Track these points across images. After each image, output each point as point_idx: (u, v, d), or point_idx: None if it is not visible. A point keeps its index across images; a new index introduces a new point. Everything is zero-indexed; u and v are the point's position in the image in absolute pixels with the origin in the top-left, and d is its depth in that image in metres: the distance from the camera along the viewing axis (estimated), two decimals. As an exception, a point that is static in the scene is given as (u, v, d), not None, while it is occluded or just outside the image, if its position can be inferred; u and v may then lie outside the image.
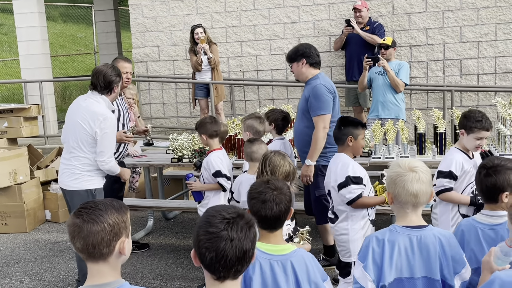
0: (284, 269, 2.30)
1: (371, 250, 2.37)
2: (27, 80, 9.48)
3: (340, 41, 7.59)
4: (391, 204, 2.47)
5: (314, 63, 4.53)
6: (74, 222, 1.85)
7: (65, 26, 23.29)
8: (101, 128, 4.14)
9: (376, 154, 5.18)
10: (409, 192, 2.35)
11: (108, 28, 12.92)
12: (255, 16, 8.35)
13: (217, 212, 1.80)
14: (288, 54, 4.64)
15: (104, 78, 4.26)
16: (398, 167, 2.43)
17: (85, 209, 1.87)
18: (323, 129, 4.36)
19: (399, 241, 2.36)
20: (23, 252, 5.68)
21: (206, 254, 1.75)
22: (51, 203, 6.62)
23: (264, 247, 2.35)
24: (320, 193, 4.51)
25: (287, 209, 2.41)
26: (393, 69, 6.23)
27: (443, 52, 7.85)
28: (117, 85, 4.33)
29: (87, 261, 1.89)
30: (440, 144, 5.07)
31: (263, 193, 2.39)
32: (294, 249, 2.38)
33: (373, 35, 7.33)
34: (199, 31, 7.41)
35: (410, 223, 2.41)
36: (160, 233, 6.07)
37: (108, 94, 4.31)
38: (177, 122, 8.85)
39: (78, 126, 4.21)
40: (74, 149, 4.24)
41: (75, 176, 4.24)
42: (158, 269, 5.05)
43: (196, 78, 7.65)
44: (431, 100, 7.92)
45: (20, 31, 9.66)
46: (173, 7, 8.60)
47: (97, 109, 4.19)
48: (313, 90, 4.41)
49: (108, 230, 1.85)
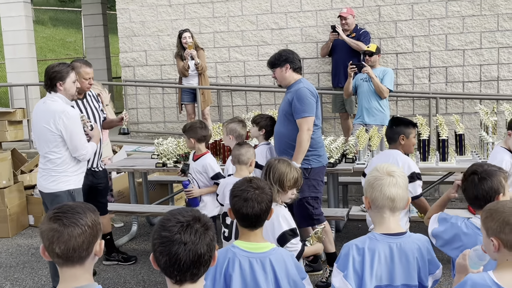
0: (263, 266, 2.33)
1: (352, 259, 2.36)
2: (13, 84, 9.42)
3: (327, 47, 7.62)
4: (368, 209, 2.47)
5: (297, 68, 4.59)
6: (52, 227, 1.81)
7: (54, 30, 23.19)
8: (65, 125, 4.14)
9: (361, 160, 5.21)
10: (386, 195, 2.36)
11: (96, 32, 12.88)
12: (243, 21, 8.37)
13: (172, 216, 1.77)
14: (270, 60, 4.66)
15: (46, 75, 4.25)
16: (376, 171, 2.44)
17: (63, 213, 1.83)
18: (307, 131, 4.41)
19: (379, 249, 2.36)
20: (5, 257, 5.62)
21: (160, 258, 1.74)
22: (35, 207, 6.56)
23: (244, 245, 2.39)
24: (303, 195, 4.52)
25: (267, 208, 2.47)
26: (378, 75, 6.26)
27: (429, 59, 7.90)
28: (61, 82, 4.20)
29: (61, 266, 1.85)
30: (423, 150, 5.09)
31: (245, 192, 2.44)
32: (273, 247, 2.42)
33: (358, 41, 7.36)
34: (186, 36, 7.41)
35: (389, 230, 2.41)
36: (144, 239, 6.03)
37: (55, 91, 4.23)
38: (164, 127, 8.83)
39: (43, 130, 4.22)
40: (46, 153, 4.26)
41: (52, 178, 4.26)
42: (141, 274, 5.02)
43: (183, 83, 7.65)
44: (417, 107, 7.96)
45: (7, 35, 9.61)
46: (161, 12, 8.59)
47: (56, 107, 4.18)
48: (296, 93, 4.46)
49: (89, 233, 1.83)
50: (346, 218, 5.13)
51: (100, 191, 5.14)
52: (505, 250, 2.05)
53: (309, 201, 4.53)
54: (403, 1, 7.85)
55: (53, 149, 4.22)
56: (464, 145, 5.30)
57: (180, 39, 7.46)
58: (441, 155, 5.07)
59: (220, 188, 4.21)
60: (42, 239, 1.85)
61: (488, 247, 2.11)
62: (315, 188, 4.55)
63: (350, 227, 5.98)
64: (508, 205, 2.10)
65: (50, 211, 1.87)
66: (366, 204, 2.45)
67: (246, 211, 2.41)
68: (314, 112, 4.47)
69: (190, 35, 7.43)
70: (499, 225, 2.05)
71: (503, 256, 2.06)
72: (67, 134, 4.16)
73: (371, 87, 6.26)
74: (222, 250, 2.41)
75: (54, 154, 4.24)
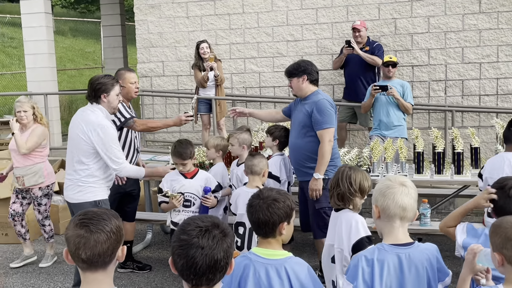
0: (278, 273, 2.36)
1: (361, 270, 2.37)
2: (33, 92, 9.59)
3: (340, 61, 7.59)
4: (377, 219, 2.47)
5: (314, 80, 4.60)
6: (79, 233, 1.85)
7: (74, 41, 23.56)
8: (101, 139, 4.12)
9: (375, 172, 5.20)
10: (398, 204, 2.37)
11: (114, 43, 13.08)
12: (259, 33, 8.45)
13: (192, 221, 1.83)
14: (288, 69, 4.66)
15: (91, 86, 4.26)
16: (388, 181, 2.47)
17: (89, 219, 1.87)
18: (329, 142, 4.44)
19: (388, 260, 2.37)
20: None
21: (178, 260, 1.78)
22: (52, 214, 6.61)
23: (260, 252, 2.44)
24: (320, 206, 4.54)
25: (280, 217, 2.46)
26: (398, 89, 6.32)
27: (445, 72, 7.89)
28: (105, 94, 4.20)
29: (85, 270, 1.89)
30: (438, 163, 5.08)
31: (256, 200, 2.49)
32: (289, 256, 2.45)
33: (373, 55, 7.34)
34: (204, 46, 7.50)
35: (397, 241, 2.42)
36: (158, 247, 6.08)
37: (98, 102, 4.24)
38: (179, 137, 8.90)
39: (78, 139, 4.21)
40: (76, 162, 4.23)
41: (79, 188, 4.23)
42: (154, 282, 5.06)
43: (200, 93, 7.72)
44: (433, 120, 7.94)
45: (28, 45, 9.80)
46: (178, 23, 8.71)
47: (93, 119, 4.17)
48: (316, 104, 4.48)
49: (113, 239, 1.88)
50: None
51: (133, 197, 5.25)
52: (508, 265, 2.05)
53: (326, 211, 4.53)
54: (420, 14, 7.86)
55: (83, 159, 4.19)
56: (479, 159, 5.27)
57: (198, 50, 7.55)
58: (456, 168, 5.05)
59: (233, 197, 4.25)
60: (67, 245, 1.89)
61: (494, 262, 2.12)
62: None
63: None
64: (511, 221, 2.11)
65: (76, 217, 1.90)
66: (376, 213, 2.45)
67: (256, 220, 2.47)
68: (335, 123, 4.51)
69: (207, 45, 7.52)
70: (502, 241, 2.07)
71: (508, 271, 2.07)
72: (103, 147, 4.13)
73: (389, 99, 6.31)
74: (238, 257, 2.45)
75: (83, 164, 4.20)
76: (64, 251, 1.92)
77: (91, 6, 28.93)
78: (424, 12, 7.85)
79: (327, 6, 8.15)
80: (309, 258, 5.37)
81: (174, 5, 8.68)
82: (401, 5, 7.91)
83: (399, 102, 6.29)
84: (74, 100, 16.04)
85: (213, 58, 7.40)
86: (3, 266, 5.62)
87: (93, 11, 28.75)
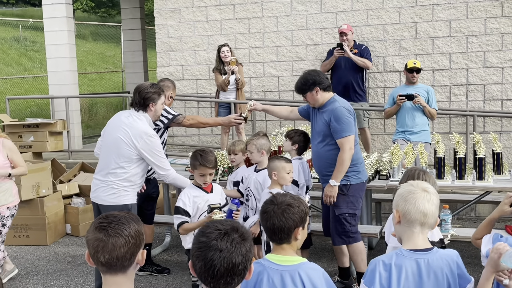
0: (292, 279, 2.35)
1: (378, 275, 2.35)
2: (54, 96, 9.72)
3: (330, 64, 7.54)
4: (396, 224, 2.44)
5: (326, 87, 4.52)
6: (97, 237, 1.87)
7: (95, 45, 23.84)
8: (148, 147, 4.19)
9: (395, 177, 5.16)
10: (419, 209, 2.34)
11: (135, 47, 13.19)
12: (278, 37, 8.45)
13: (212, 224, 1.85)
14: (298, 86, 4.57)
15: (140, 94, 4.31)
16: (410, 186, 2.44)
17: (108, 223, 1.89)
18: (349, 150, 4.39)
19: (406, 265, 2.34)
20: (42, 264, 5.77)
21: (196, 262, 1.79)
22: (72, 217, 6.72)
23: (273, 258, 2.43)
24: (340, 212, 4.51)
25: (296, 223, 2.46)
26: (423, 95, 6.27)
27: (466, 76, 7.80)
28: (153, 103, 4.31)
29: (105, 273, 1.91)
30: (459, 169, 5.02)
31: (271, 206, 2.47)
32: (303, 261, 2.43)
33: (363, 58, 7.42)
34: (225, 50, 7.51)
35: (416, 247, 2.39)
36: (176, 250, 6.10)
37: (145, 111, 4.32)
38: (198, 140, 8.94)
39: (120, 142, 4.22)
40: (114, 165, 4.25)
41: (112, 191, 4.26)
42: (173, 285, 5.07)
43: (220, 97, 7.72)
44: (454, 124, 7.85)
45: (50, 48, 9.93)
46: (198, 27, 8.76)
47: (141, 127, 4.23)
48: (333, 113, 4.42)
49: (132, 243, 1.88)
50: (379, 236, 5.08)
51: (153, 199, 5.32)
52: None
53: (346, 217, 4.50)
54: (441, 18, 7.79)
55: (123, 164, 4.22)
56: (502, 164, 5.19)
57: (219, 53, 7.56)
58: (478, 174, 4.98)
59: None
60: (88, 247, 1.91)
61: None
62: (353, 205, 4.51)
63: (383, 245, 5.89)
64: None
65: (97, 220, 1.92)
66: (396, 217, 2.42)
67: (271, 226, 2.45)
68: (354, 130, 4.45)
69: (229, 49, 7.53)
70: None
71: None
72: (150, 155, 4.21)
73: (413, 104, 6.25)
74: (253, 264, 2.44)
75: (121, 169, 4.23)
76: (86, 253, 1.94)
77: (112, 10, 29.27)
78: (445, 16, 7.77)
79: (347, 10, 8.12)
80: (328, 264, 5.34)
81: (194, 9, 8.73)
82: (422, 9, 7.85)
83: (425, 109, 6.25)
84: (94, 103, 16.22)
85: (234, 62, 7.41)
86: (24, 267, 5.69)
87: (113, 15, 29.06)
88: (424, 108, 6.26)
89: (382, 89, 8.09)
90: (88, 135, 12.41)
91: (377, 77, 8.09)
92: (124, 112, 4.45)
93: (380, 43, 8.02)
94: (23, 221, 6.40)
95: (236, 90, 7.60)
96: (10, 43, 21.11)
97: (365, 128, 7.65)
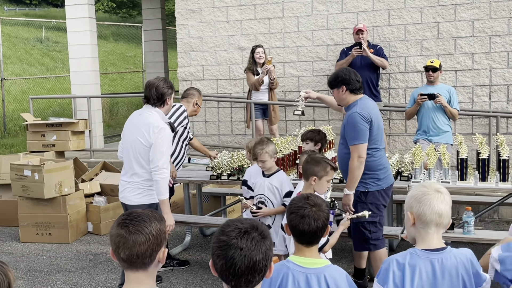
0: (318, 282, 2.35)
1: (392, 273, 2.35)
2: (76, 95, 9.84)
3: (346, 62, 7.50)
4: (411, 226, 2.43)
5: (354, 89, 4.41)
6: (119, 233, 1.91)
7: (116, 45, 24.09)
8: (156, 138, 4.25)
9: (416, 178, 5.11)
10: (434, 210, 2.35)
11: (155, 47, 13.29)
12: (298, 37, 8.43)
13: (232, 222, 1.87)
14: (328, 80, 4.61)
15: (157, 90, 4.39)
16: (423, 187, 2.44)
17: (130, 220, 1.92)
18: (358, 158, 4.28)
19: (420, 265, 2.35)
20: (64, 262, 5.84)
21: (217, 261, 1.81)
22: (94, 215, 6.80)
23: (298, 260, 2.43)
24: (358, 219, 4.46)
25: (324, 225, 2.49)
26: (444, 95, 6.23)
27: (489, 77, 7.70)
28: (169, 97, 4.43)
29: (126, 269, 1.94)
30: (482, 170, 4.95)
31: (302, 208, 2.47)
32: (327, 264, 2.44)
33: (381, 58, 7.45)
34: (260, 51, 7.48)
35: (430, 247, 2.39)
36: (197, 249, 6.13)
37: (161, 106, 4.42)
38: (218, 140, 8.97)
39: (136, 142, 4.34)
40: (136, 166, 4.36)
41: (138, 191, 4.40)
42: (193, 285, 5.10)
43: (252, 97, 7.69)
44: (476, 125, 7.75)
45: (72, 49, 10.06)
46: (218, 28, 8.78)
47: (152, 121, 4.32)
48: (348, 118, 4.37)
49: (152, 241, 1.91)
50: (400, 237, 5.04)
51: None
52: None
53: (365, 225, 4.45)
54: (463, 18, 7.70)
55: (143, 164, 4.33)
56: (526, 166, 5.11)
57: (253, 54, 7.54)
58: (502, 176, 4.91)
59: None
60: (110, 243, 1.96)
61: None
62: (372, 212, 4.39)
63: (404, 246, 5.86)
64: None
65: (120, 217, 1.97)
66: (411, 219, 2.42)
67: (302, 228, 2.44)
68: (366, 139, 4.30)
69: (263, 50, 7.51)
70: None
71: None
72: (154, 145, 4.27)
73: (435, 104, 6.21)
74: (277, 265, 2.44)
75: (143, 168, 4.35)
76: (110, 249, 1.98)
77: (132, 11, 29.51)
78: (468, 16, 7.68)
79: (368, 10, 8.07)
80: (348, 265, 5.31)
81: (214, 10, 8.76)
82: (444, 9, 7.76)
83: (447, 110, 6.21)
84: (115, 103, 16.38)
85: (271, 61, 7.38)
86: (46, 264, 5.77)
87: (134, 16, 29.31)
88: (445, 108, 6.20)
89: (404, 89, 8.02)
90: (109, 135, 12.54)
91: (399, 78, 8.02)
92: (135, 112, 4.57)
93: (402, 43, 7.96)
94: (46, 219, 6.49)
95: (269, 90, 7.57)
96: (33, 43, 21.44)
97: None
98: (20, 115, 11.59)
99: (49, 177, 6.38)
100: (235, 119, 8.86)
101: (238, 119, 8.82)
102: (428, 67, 6.41)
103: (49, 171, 6.42)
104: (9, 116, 14.15)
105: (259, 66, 7.48)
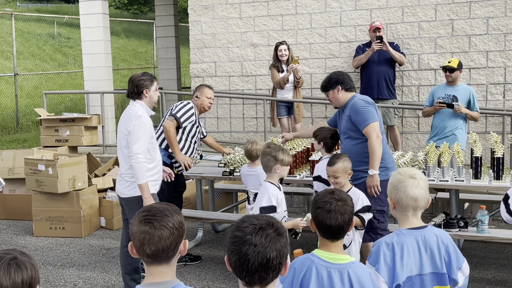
0: (341, 277, 2.36)
1: (382, 254, 2.53)
2: (90, 91, 9.89)
3: (366, 57, 7.48)
4: (392, 210, 2.67)
5: (349, 88, 4.60)
6: (143, 230, 1.91)
7: (127, 41, 24.17)
8: (133, 126, 4.29)
9: (430, 176, 5.09)
10: (409, 196, 2.58)
11: (168, 43, 13.32)
12: (311, 34, 8.41)
13: (248, 218, 1.86)
14: (322, 84, 4.70)
15: (133, 83, 4.48)
16: (399, 175, 2.65)
17: (152, 216, 1.92)
18: (377, 137, 4.36)
19: (407, 243, 2.55)
20: (77, 256, 5.89)
21: (231, 256, 1.81)
22: (106, 210, 6.84)
23: (323, 255, 2.44)
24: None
25: (350, 219, 2.51)
26: (463, 96, 6.09)
27: (504, 75, 7.64)
28: (147, 89, 4.44)
29: (149, 264, 1.95)
30: (497, 169, 4.93)
31: (328, 203, 2.48)
32: (352, 261, 2.45)
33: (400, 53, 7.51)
34: (283, 48, 7.41)
35: (413, 225, 2.62)
36: (209, 245, 6.15)
37: (140, 98, 4.46)
38: (230, 137, 8.98)
39: (121, 136, 4.43)
40: (123, 159, 4.44)
41: (126, 184, 4.43)
42: (205, 280, 5.12)
43: (277, 95, 7.63)
44: (490, 124, 7.70)
45: (85, 44, 10.10)
46: (231, 24, 8.79)
47: (131, 111, 4.39)
48: (352, 107, 4.50)
49: (176, 234, 1.93)
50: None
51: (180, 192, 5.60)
52: None
53: (374, 214, 4.46)
54: (478, 15, 7.64)
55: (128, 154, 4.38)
56: (541, 165, 5.08)
57: (276, 51, 7.50)
58: (516, 174, 4.88)
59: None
60: (133, 240, 1.95)
61: None
62: (381, 201, 4.46)
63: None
64: None
65: (140, 213, 1.96)
66: (391, 204, 2.66)
67: (329, 223, 2.44)
68: (376, 117, 4.44)
69: (286, 47, 7.44)
70: None
71: None
72: (131, 132, 4.29)
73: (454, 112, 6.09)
74: (301, 257, 2.45)
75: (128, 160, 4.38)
76: (129, 245, 1.98)
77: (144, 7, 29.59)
78: (483, 13, 7.62)
79: (382, 7, 8.03)
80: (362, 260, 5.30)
81: (227, 6, 8.76)
82: (458, 6, 7.71)
83: (468, 116, 6.09)
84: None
85: (297, 60, 7.33)
86: (60, 258, 5.81)
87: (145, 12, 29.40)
88: (466, 115, 6.09)
89: (417, 87, 7.98)
90: (120, 130, 12.56)
91: (412, 75, 7.98)
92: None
93: (415, 41, 7.91)
94: (59, 213, 6.55)
95: (293, 88, 7.52)
96: (45, 39, 21.56)
97: (394, 126, 7.56)
98: (33, 110, 11.68)
99: (63, 171, 6.43)
100: (247, 116, 8.87)
101: (250, 115, 8.83)
102: (445, 68, 6.23)
103: (63, 165, 6.47)
104: (22, 111, 14.27)
105: (284, 64, 7.45)
